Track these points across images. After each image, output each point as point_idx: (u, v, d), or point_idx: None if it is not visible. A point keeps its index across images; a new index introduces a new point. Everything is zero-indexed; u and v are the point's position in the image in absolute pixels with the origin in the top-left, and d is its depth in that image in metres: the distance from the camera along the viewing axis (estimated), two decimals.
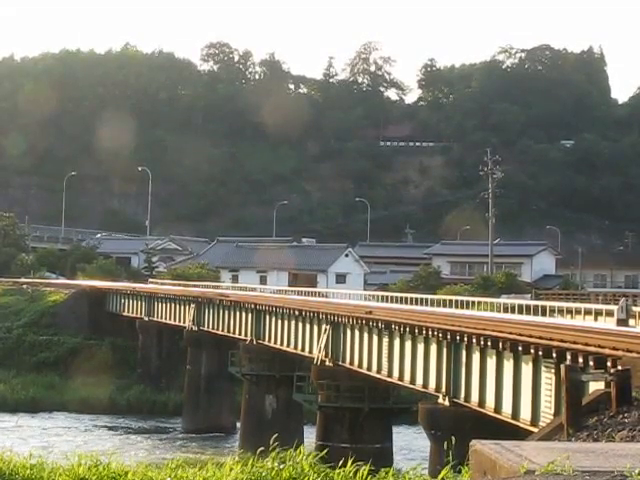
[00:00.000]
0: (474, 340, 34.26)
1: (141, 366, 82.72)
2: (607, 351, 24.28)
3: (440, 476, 15.03)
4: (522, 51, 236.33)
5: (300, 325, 55.43)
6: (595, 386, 16.90)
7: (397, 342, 42.97)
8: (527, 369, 31.36)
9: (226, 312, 67.43)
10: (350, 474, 16.65)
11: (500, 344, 32.11)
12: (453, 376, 37.40)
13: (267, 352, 60.94)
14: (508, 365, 32.72)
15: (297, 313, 55.46)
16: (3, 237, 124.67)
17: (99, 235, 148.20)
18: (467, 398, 36.35)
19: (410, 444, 61.63)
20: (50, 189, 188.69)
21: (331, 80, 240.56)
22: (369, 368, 46.29)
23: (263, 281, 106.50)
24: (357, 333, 47.83)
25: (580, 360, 25.16)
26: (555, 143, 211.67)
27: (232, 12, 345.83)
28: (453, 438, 19.21)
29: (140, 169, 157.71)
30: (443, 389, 38.12)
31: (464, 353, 36.43)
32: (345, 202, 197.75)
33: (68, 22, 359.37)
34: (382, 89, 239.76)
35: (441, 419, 37.61)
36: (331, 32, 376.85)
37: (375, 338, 45.53)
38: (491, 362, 34.10)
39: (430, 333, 38.56)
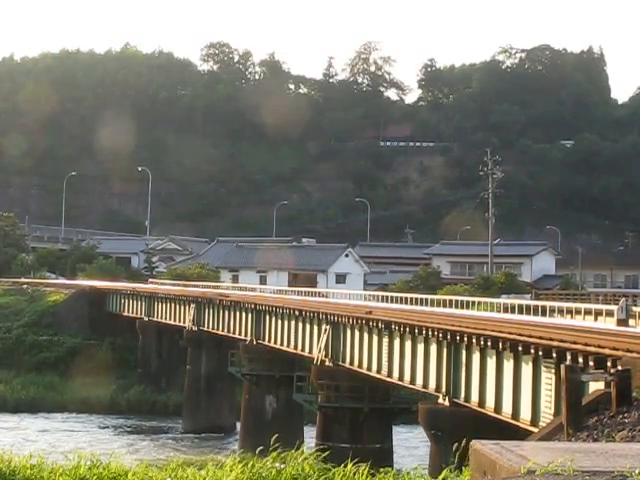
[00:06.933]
0: (474, 340, 34.26)
1: (141, 366, 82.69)
2: (607, 351, 24.28)
3: (440, 477, 15.03)
4: (522, 51, 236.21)
5: (300, 325, 55.41)
6: (595, 386, 16.90)
7: (397, 342, 42.96)
8: (527, 369, 31.35)
9: (226, 312, 67.40)
10: (350, 474, 16.64)
11: (500, 344, 32.11)
12: (453, 376, 37.39)
13: (267, 352, 60.92)
14: (508, 365, 32.71)
15: (297, 313, 55.43)
16: (3, 237, 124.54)
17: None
18: (467, 398, 36.34)
19: (410, 444, 61.59)
20: (50, 189, 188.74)
21: (331, 80, 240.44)
22: (369, 368, 46.27)
23: (263, 281, 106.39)
24: (357, 333, 47.80)
25: (580, 360, 25.17)
26: (555, 143, 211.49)
27: (232, 12, 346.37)
28: (453, 438, 19.21)
29: (140, 169, 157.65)
30: (443, 389, 38.10)
31: (464, 353, 36.42)
32: (345, 202, 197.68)
33: (68, 22, 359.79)
34: (382, 89, 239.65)
35: (441, 419, 37.60)
36: (331, 32, 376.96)
37: (375, 338, 45.51)
38: (491, 362, 34.09)
39: (430, 333, 38.55)
